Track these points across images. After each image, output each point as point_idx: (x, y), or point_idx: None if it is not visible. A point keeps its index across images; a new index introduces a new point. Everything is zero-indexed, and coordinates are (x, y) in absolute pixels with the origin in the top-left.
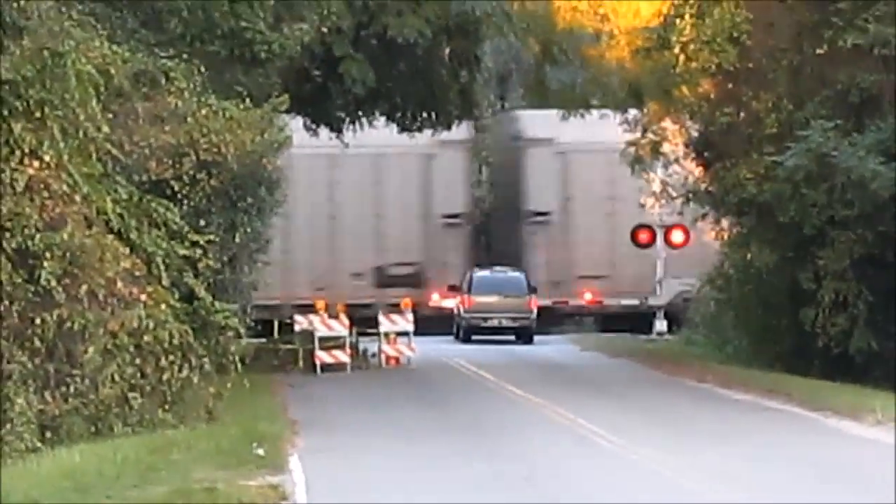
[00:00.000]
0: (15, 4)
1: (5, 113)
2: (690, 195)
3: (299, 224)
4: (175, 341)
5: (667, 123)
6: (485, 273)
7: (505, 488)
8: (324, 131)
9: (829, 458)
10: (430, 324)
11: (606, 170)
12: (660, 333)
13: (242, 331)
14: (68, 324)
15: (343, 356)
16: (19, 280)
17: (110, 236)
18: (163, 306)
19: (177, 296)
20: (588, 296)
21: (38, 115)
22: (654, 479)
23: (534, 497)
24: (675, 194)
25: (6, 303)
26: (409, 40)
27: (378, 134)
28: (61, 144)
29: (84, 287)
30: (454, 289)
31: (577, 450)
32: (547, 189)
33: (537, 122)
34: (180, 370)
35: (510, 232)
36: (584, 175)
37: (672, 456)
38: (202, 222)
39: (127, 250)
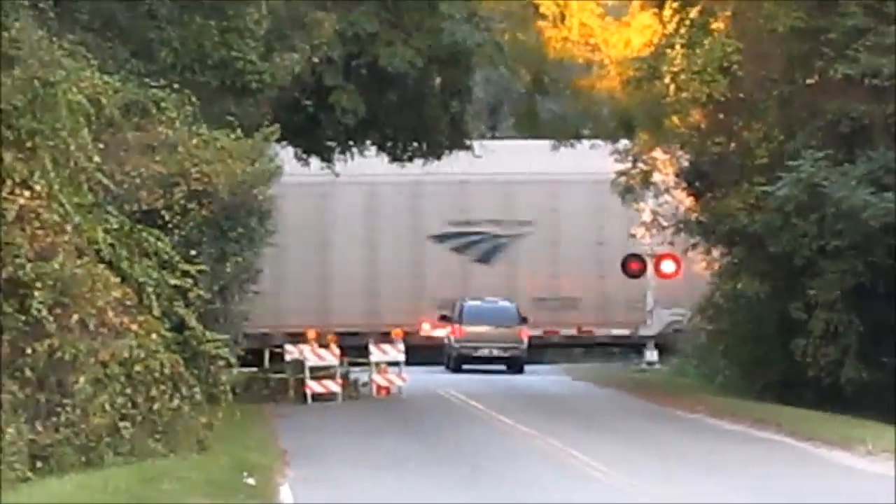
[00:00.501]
0: (6, 34)
1: None
2: (681, 225)
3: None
4: (166, 371)
5: (657, 153)
6: (476, 303)
7: None
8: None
9: (821, 489)
10: (421, 353)
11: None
12: (650, 363)
13: (233, 360)
14: (59, 353)
15: (334, 386)
16: (10, 310)
17: (101, 266)
18: (154, 336)
19: (168, 325)
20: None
21: (28, 144)
22: None
23: None
24: (665, 224)
25: None
26: (400, 71)
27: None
28: (52, 174)
29: (75, 317)
30: (445, 318)
31: (569, 481)
32: None
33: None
34: (171, 400)
35: None
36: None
37: (664, 487)
38: (193, 252)
39: (118, 280)
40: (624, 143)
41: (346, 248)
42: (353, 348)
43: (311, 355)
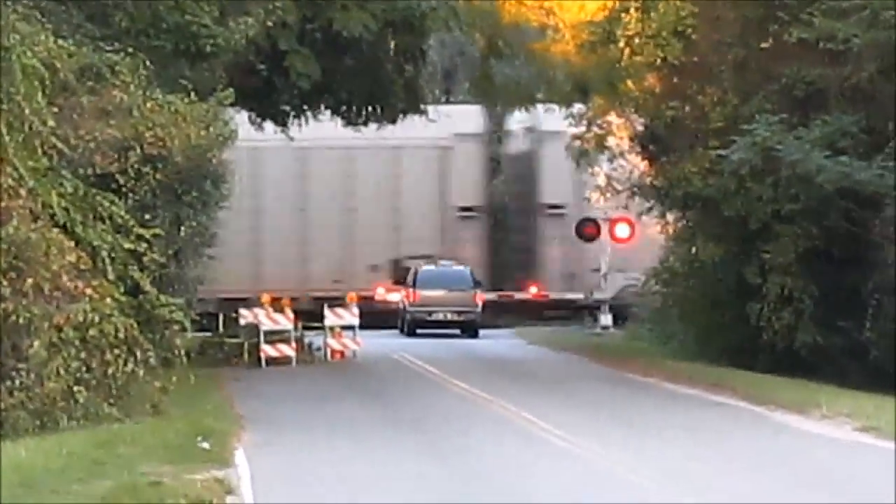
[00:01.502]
0: None
1: None
2: (636, 189)
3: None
4: (121, 335)
5: (612, 117)
6: (430, 267)
7: (451, 483)
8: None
9: (776, 452)
10: (376, 318)
11: None
12: (605, 327)
13: (188, 325)
14: (13, 318)
15: (288, 350)
16: None
17: (56, 230)
18: (108, 300)
19: (122, 290)
20: (533, 289)
21: None
22: (600, 475)
23: (479, 493)
24: (620, 188)
25: None
26: (355, 35)
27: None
28: (6, 138)
29: (29, 281)
30: (400, 283)
31: (523, 445)
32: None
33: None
34: (126, 364)
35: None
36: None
37: (618, 451)
38: (147, 216)
39: (72, 244)
40: (579, 106)
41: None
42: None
43: (266, 319)
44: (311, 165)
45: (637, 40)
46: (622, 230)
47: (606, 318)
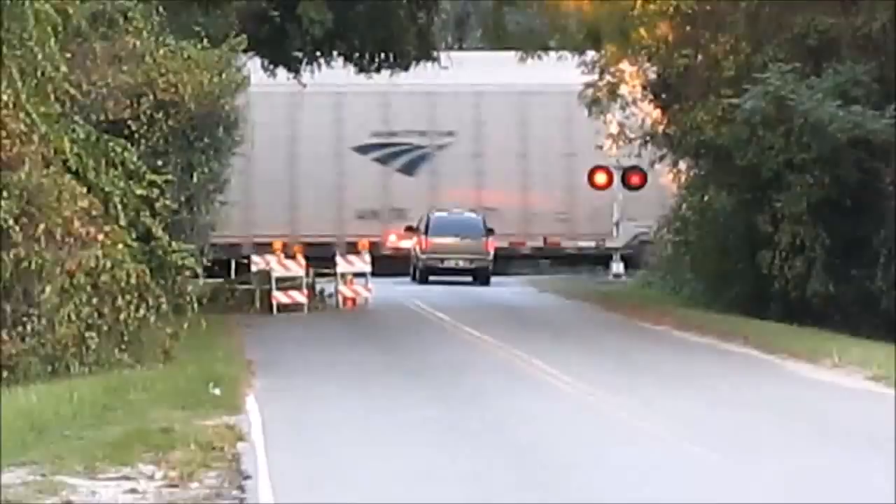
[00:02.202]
0: None
1: None
2: (648, 138)
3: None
4: (132, 281)
5: (624, 66)
6: (442, 214)
7: (462, 430)
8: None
9: (787, 400)
10: (387, 265)
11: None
12: (616, 276)
13: (199, 271)
14: (25, 263)
15: (300, 297)
16: None
17: (68, 176)
18: (120, 246)
19: (134, 236)
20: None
21: None
22: (611, 422)
23: (487, 438)
24: (632, 136)
25: None
26: None
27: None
28: (19, 84)
29: (41, 227)
30: (411, 230)
31: (533, 392)
32: None
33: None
34: (137, 310)
35: None
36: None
37: (629, 398)
38: (159, 162)
39: (84, 190)
40: (591, 55)
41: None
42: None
43: (278, 266)
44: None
45: None
46: (634, 178)
47: (618, 267)
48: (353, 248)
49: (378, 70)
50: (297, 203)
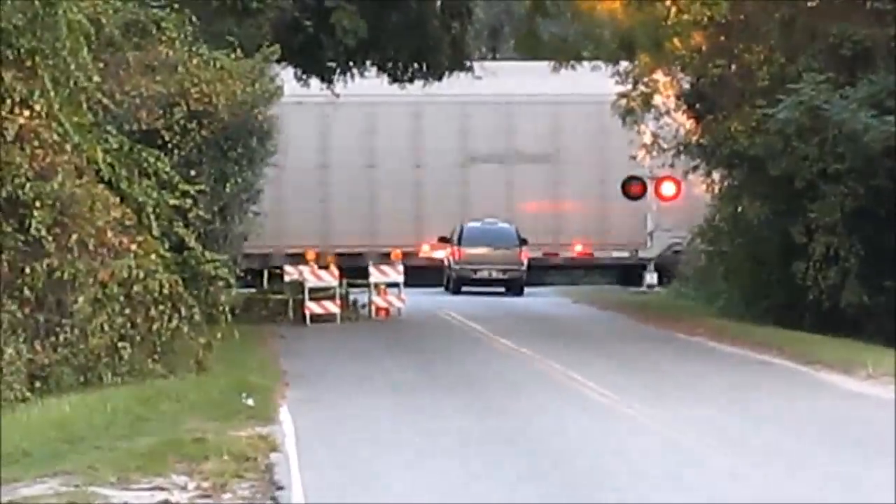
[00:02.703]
0: None
1: None
2: (681, 147)
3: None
4: (165, 291)
5: (658, 75)
6: (475, 224)
7: (494, 443)
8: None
9: (822, 412)
10: (421, 275)
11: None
12: (650, 286)
13: (232, 281)
14: (58, 273)
15: (333, 307)
16: (9, 229)
17: (101, 186)
18: (153, 256)
19: (167, 246)
20: (578, 247)
21: (28, 64)
22: (647, 434)
23: (522, 450)
24: (666, 146)
25: None
26: None
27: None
28: (52, 94)
29: (74, 236)
30: (445, 240)
31: (569, 404)
32: None
33: None
34: (170, 320)
35: None
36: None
37: (665, 410)
38: (193, 172)
39: (117, 200)
40: (625, 64)
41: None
42: (353, 269)
43: (311, 276)
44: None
45: None
46: (668, 189)
47: (652, 277)
48: (385, 259)
49: (411, 80)
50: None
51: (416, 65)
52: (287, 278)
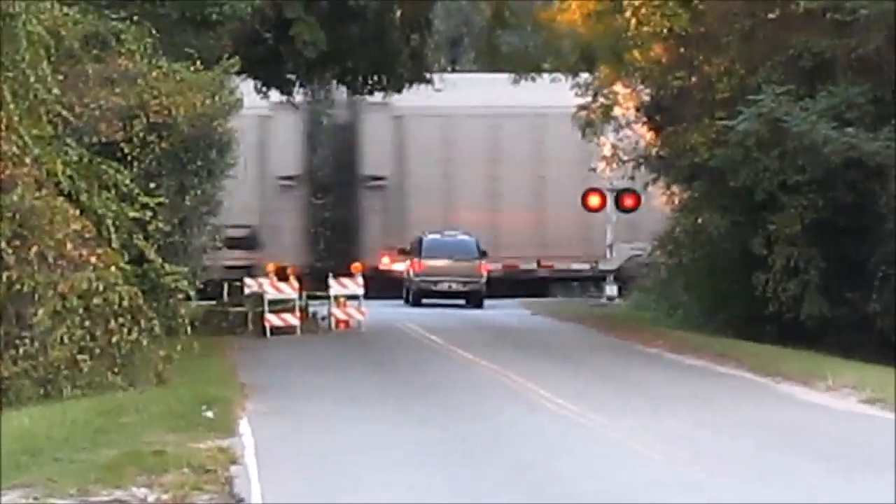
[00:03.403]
0: None
1: None
2: (641, 159)
3: None
4: (125, 304)
5: (618, 87)
6: (435, 236)
7: (455, 453)
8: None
9: (782, 423)
10: (380, 287)
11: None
12: (610, 298)
13: (192, 293)
14: (18, 286)
15: (293, 319)
16: None
17: (60, 198)
18: (113, 269)
19: (127, 258)
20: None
21: None
22: (606, 445)
23: (485, 463)
24: (626, 158)
25: None
26: (361, 3)
27: None
28: (11, 106)
29: (34, 249)
30: (404, 252)
31: (528, 415)
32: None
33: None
34: (130, 333)
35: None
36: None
37: (624, 421)
38: (152, 185)
39: (77, 212)
40: (585, 76)
41: None
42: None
43: (271, 288)
44: None
45: (643, 10)
46: (628, 201)
47: (612, 289)
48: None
49: (371, 92)
50: None
51: (375, 77)
52: (247, 290)
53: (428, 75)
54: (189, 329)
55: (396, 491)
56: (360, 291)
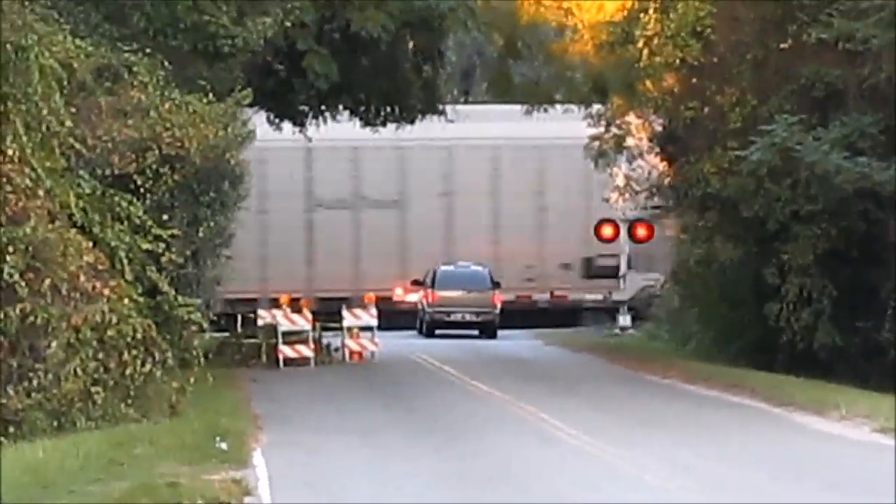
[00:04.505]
0: None
1: None
2: (654, 189)
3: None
4: (138, 335)
5: (630, 118)
6: (449, 268)
7: (470, 486)
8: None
9: (795, 453)
10: (394, 319)
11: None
12: (623, 328)
13: (205, 325)
14: (31, 318)
15: (306, 351)
16: None
17: (73, 230)
18: (126, 300)
19: (140, 290)
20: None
21: (0, 109)
22: (619, 476)
23: (499, 495)
24: (638, 189)
25: None
26: (373, 35)
27: None
28: (24, 138)
29: (47, 281)
30: (418, 283)
31: (542, 447)
32: None
33: None
34: (143, 364)
35: None
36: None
37: (637, 452)
38: (165, 216)
39: (90, 244)
40: (597, 107)
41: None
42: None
43: (284, 320)
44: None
45: (656, 41)
46: (641, 231)
47: (625, 319)
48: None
49: (384, 124)
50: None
51: (388, 108)
52: (260, 322)
53: (440, 107)
54: (202, 360)
55: None
56: (374, 322)
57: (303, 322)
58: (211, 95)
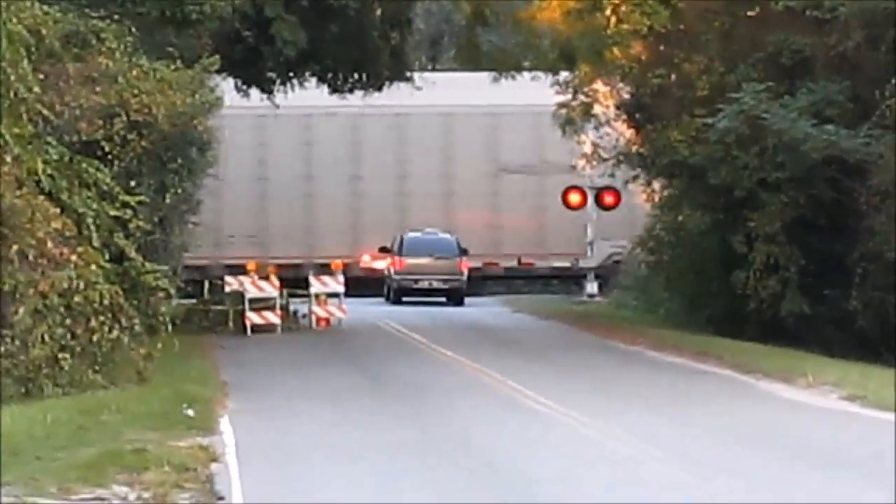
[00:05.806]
0: None
1: None
2: (621, 157)
3: None
4: (105, 302)
5: (598, 85)
6: (416, 235)
7: (433, 450)
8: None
9: (762, 421)
10: (361, 285)
11: None
12: (591, 295)
13: (173, 292)
14: None
15: (273, 317)
16: None
17: (41, 197)
18: (93, 267)
19: (107, 257)
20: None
21: None
22: (585, 443)
23: (461, 459)
24: (606, 156)
25: None
26: (341, 2)
27: None
28: None
29: (14, 248)
30: (385, 250)
31: (508, 413)
32: None
33: None
34: (111, 331)
35: None
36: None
37: (603, 419)
38: (133, 183)
39: (57, 211)
40: (565, 74)
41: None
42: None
43: (251, 287)
44: None
45: (623, 8)
46: (608, 198)
47: (592, 287)
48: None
49: (351, 91)
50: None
51: (356, 75)
52: (227, 289)
53: (408, 73)
54: (170, 327)
55: (373, 490)
56: (341, 289)
57: (270, 289)
58: (179, 62)
